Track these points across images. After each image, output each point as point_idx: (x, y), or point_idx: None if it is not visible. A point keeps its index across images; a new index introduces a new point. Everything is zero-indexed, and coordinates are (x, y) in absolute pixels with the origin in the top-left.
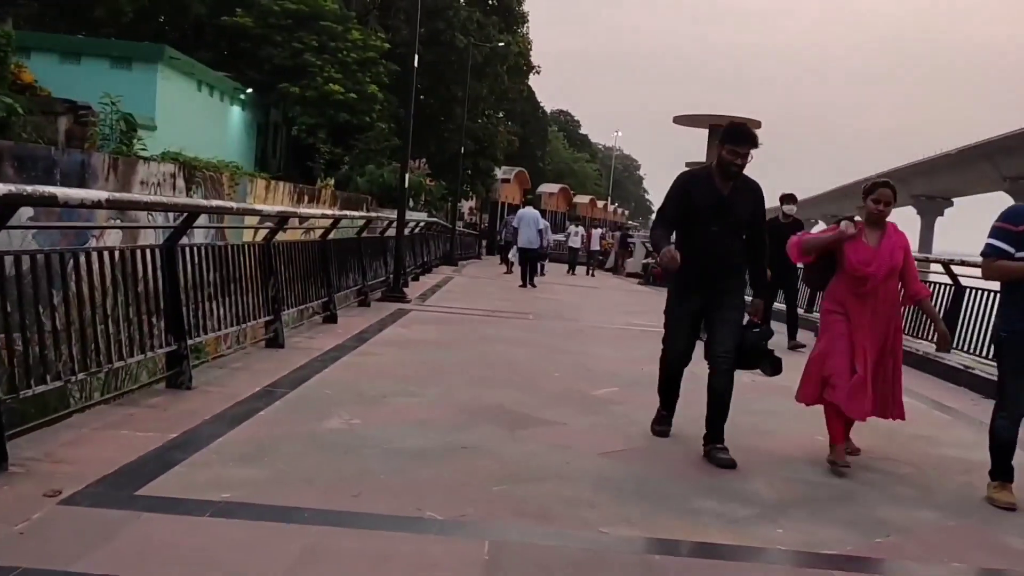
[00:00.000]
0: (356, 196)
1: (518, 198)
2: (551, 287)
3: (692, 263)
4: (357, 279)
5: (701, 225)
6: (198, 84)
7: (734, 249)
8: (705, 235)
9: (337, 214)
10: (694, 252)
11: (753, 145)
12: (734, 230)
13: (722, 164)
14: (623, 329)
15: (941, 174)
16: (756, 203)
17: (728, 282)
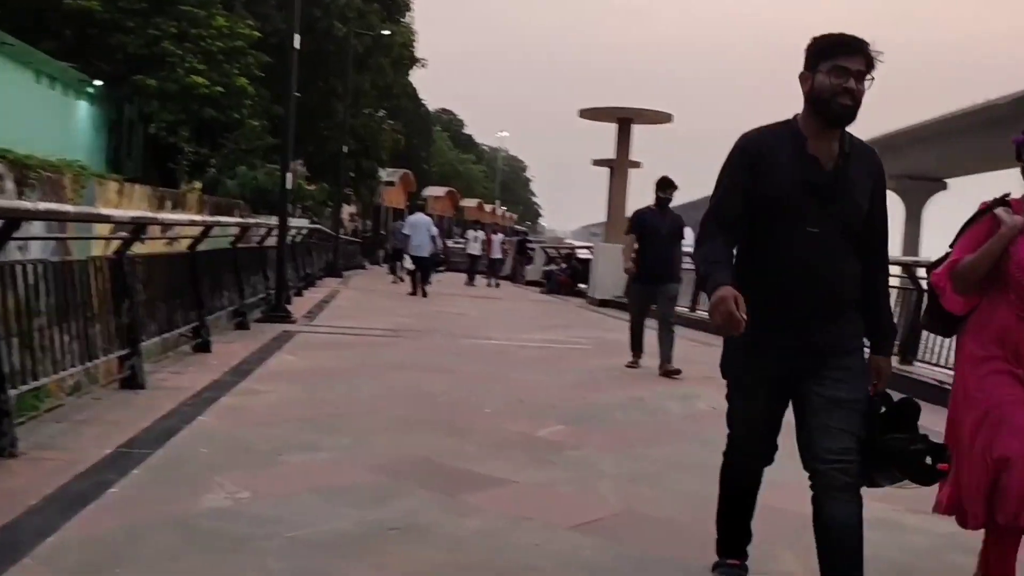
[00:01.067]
0: (227, 201)
1: (403, 202)
2: (452, 299)
3: (771, 297)
4: (233, 298)
5: (786, 225)
6: (36, 74)
7: (846, 268)
8: (795, 243)
9: (208, 220)
10: (775, 276)
11: (870, 63)
12: (845, 231)
13: (823, 101)
14: (544, 347)
15: None
16: (877, 181)
17: (838, 329)
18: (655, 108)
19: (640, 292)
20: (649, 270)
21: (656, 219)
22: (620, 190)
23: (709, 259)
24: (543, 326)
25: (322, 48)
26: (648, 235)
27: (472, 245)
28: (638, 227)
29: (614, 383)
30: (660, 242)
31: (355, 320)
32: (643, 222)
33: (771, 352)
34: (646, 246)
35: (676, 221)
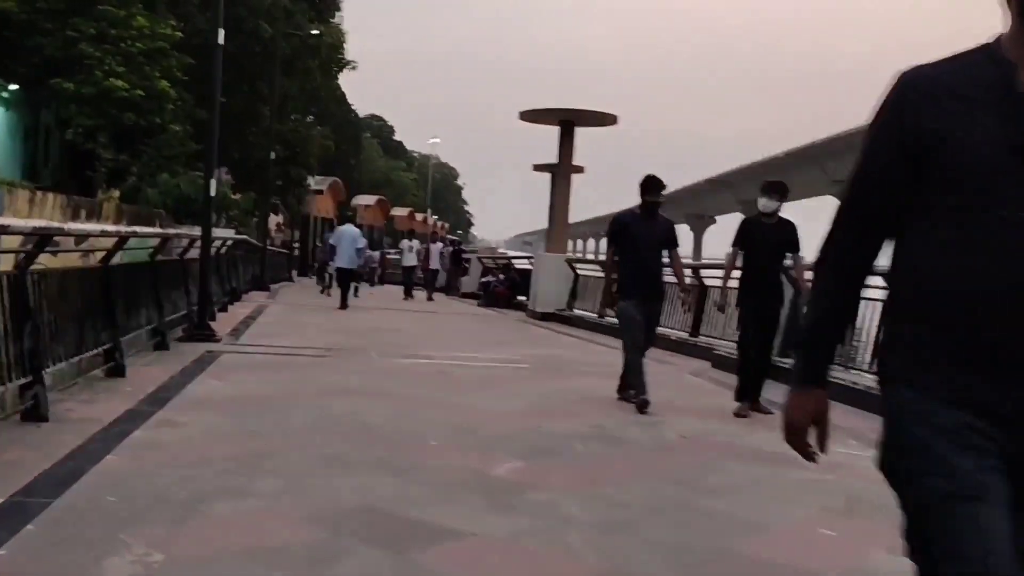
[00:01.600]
0: (147, 211)
1: (332, 212)
2: (386, 314)
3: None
4: (152, 315)
5: (985, 212)
6: None
7: None
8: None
9: (124, 231)
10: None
11: None
12: None
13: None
14: (488, 367)
15: (771, 177)
16: None
17: None
18: (598, 109)
19: (633, 310)
20: (636, 284)
21: (641, 225)
22: (563, 196)
23: (817, 314)
24: (484, 342)
25: (248, 50)
26: (631, 244)
27: (407, 256)
28: (618, 235)
29: (569, 409)
30: (646, 253)
31: (284, 338)
32: (624, 229)
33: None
34: (629, 257)
35: (665, 228)
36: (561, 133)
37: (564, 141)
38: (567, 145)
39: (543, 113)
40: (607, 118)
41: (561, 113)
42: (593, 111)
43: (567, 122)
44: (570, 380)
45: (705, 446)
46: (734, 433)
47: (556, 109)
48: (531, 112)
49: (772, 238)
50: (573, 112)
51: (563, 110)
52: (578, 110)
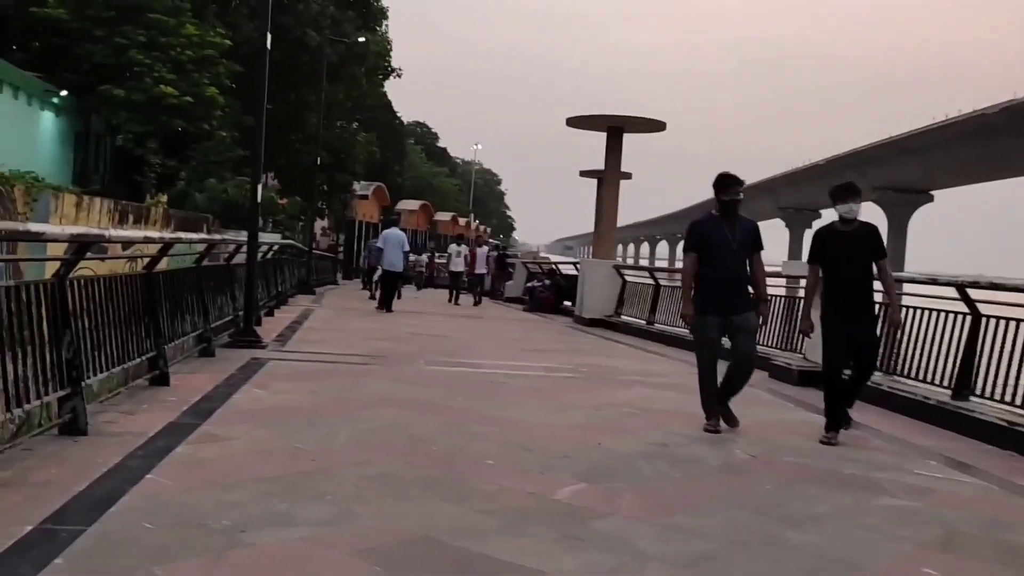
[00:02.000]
0: (194, 215)
1: (376, 216)
2: (432, 319)
3: None
4: (197, 322)
5: None
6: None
7: None
8: None
9: (168, 237)
10: None
11: None
12: None
13: None
14: (539, 376)
15: (809, 185)
16: None
17: None
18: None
19: (710, 326)
20: (715, 297)
21: (720, 229)
22: (610, 203)
23: None
24: (532, 350)
25: (294, 58)
26: (709, 251)
27: (454, 261)
28: (697, 242)
29: (627, 423)
30: (727, 260)
31: (330, 344)
32: (703, 235)
33: None
34: (710, 264)
35: (748, 230)
36: (608, 139)
37: (611, 147)
38: (614, 151)
39: (591, 119)
40: (655, 124)
41: (609, 119)
42: (641, 117)
43: (615, 128)
44: (624, 391)
45: (777, 467)
46: (805, 452)
47: (604, 115)
48: (578, 118)
49: (855, 247)
50: (621, 118)
51: (611, 116)
52: (626, 116)
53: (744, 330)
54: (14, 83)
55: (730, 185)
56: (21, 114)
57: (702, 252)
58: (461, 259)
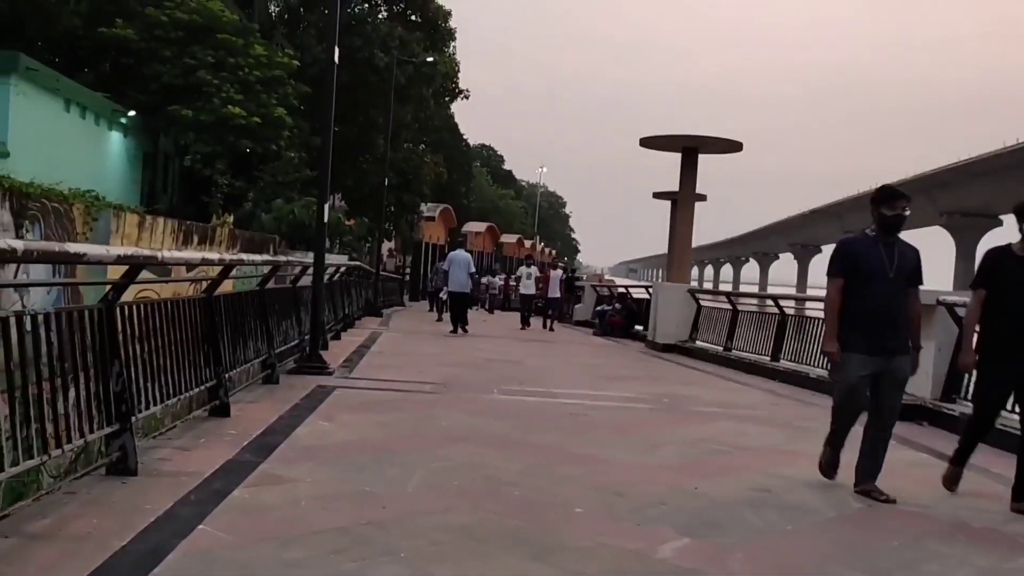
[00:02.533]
0: (261, 236)
1: (443, 238)
2: (502, 343)
3: None
4: (260, 347)
5: None
6: (66, 103)
7: None
8: None
9: (230, 259)
10: None
11: None
12: None
13: None
14: (619, 408)
15: None
16: None
17: None
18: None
19: (859, 367)
20: (871, 334)
21: (876, 253)
22: (685, 225)
23: None
24: (609, 377)
25: (362, 79)
26: (861, 278)
27: (525, 283)
28: (848, 264)
29: (722, 463)
30: (884, 288)
31: (399, 370)
32: (855, 258)
33: None
34: (860, 294)
35: (910, 257)
36: (683, 160)
37: (686, 168)
38: (689, 172)
39: (665, 140)
40: (731, 145)
41: (684, 140)
42: (717, 137)
43: (690, 149)
44: (711, 425)
45: (897, 517)
46: (924, 500)
47: (679, 135)
48: (652, 139)
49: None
50: (697, 138)
51: (686, 136)
52: (702, 136)
53: (898, 379)
54: (82, 103)
55: (895, 198)
56: (89, 134)
57: (852, 278)
58: (532, 281)
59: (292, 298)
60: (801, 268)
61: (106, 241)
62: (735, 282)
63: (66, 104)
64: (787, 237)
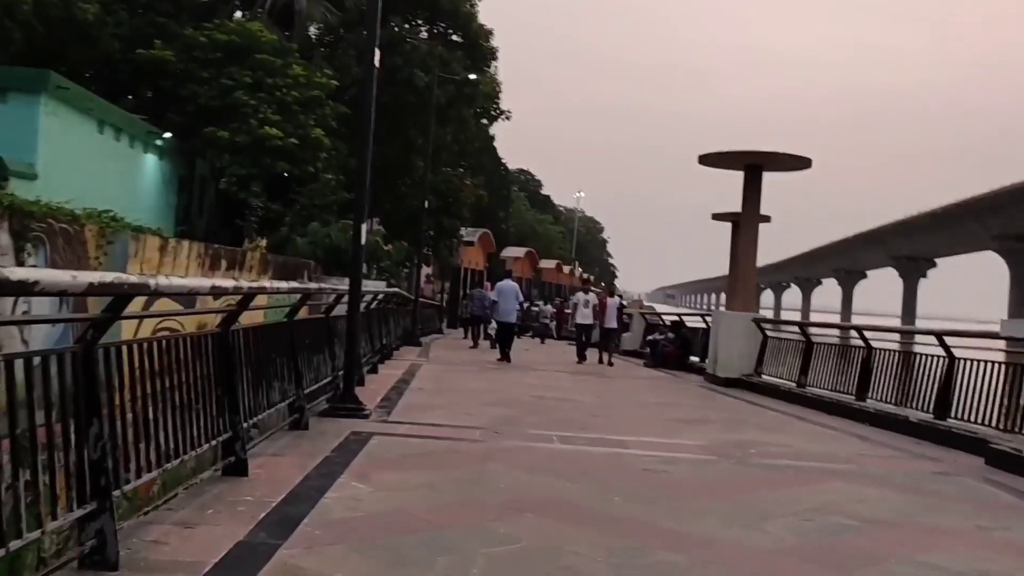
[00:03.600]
0: (295, 261)
1: (482, 263)
2: (552, 377)
3: None
4: (287, 389)
5: None
6: (99, 124)
7: None
8: None
9: (249, 286)
10: None
11: None
12: None
13: None
14: (704, 461)
15: (923, 233)
16: None
17: None
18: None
19: None
20: None
21: None
22: (748, 247)
23: None
24: (677, 420)
25: (402, 99)
26: None
27: (582, 311)
28: None
29: (857, 546)
30: None
31: (443, 411)
32: None
33: None
34: None
35: None
36: (746, 178)
37: (749, 187)
38: (753, 191)
39: (726, 157)
40: (799, 161)
41: (747, 156)
42: (784, 154)
43: (754, 167)
44: (819, 486)
45: None
46: None
47: (742, 151)
48: (713, 155)
49: None
50: (761, 155)
51: (750, 152)
52: (767, 152)
53: None
54: (116, 124)
55: None
56: (123, 157)
57: None
58: (589, 310)
59: (325, 330)
60: (845, 294)
61: (123, 267)
62: (776, 309)
63: (99, 125)
64: (829, 262)
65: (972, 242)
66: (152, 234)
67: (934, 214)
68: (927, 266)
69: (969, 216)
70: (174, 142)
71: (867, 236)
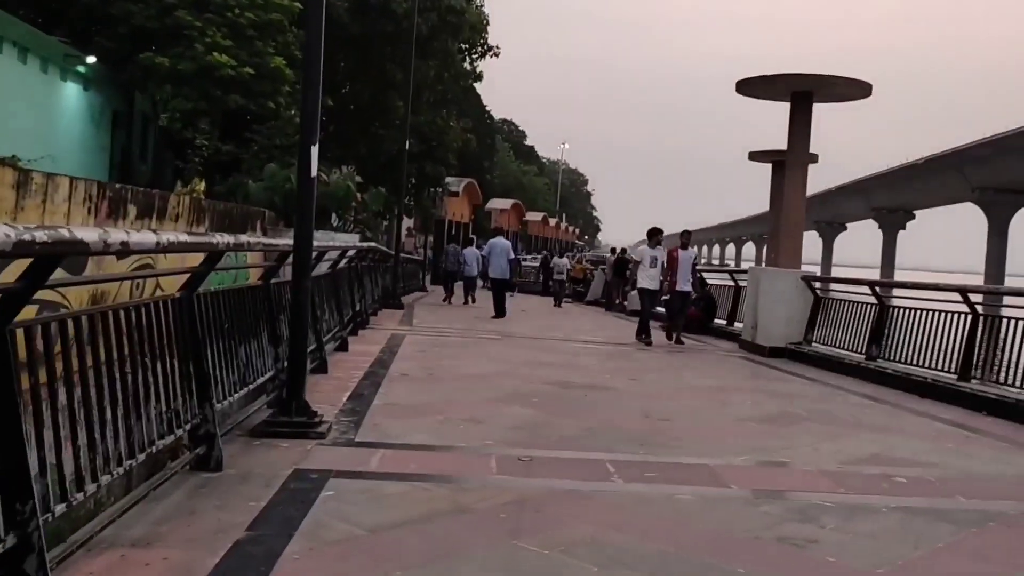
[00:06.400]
0: (244, 210)
1: (467, 215)
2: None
3: None
4: (181, 407)
5: None
6: None
7: None
8: None
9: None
10: None
11: None
12: None
13: None
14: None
15: (905, 185)
16: None
17: None
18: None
19: None
20: None
21: None
22: (795, 192)
23: None
24: (755, 419)
25: (377, 29)
26: None
27: (646, 272)
28: None
29: None
30: None
31: (436, 416)
32: None
33: None
34: None
35: None
36: (793, 109)
37: (797, 120)
38: (801, 125)
39: (768, 83)
40: (856, 88)
41: (794, 81)
42: (841, 77)
43: (802, 94)
44: None
45: None
46: None
47: (788, 74)
48: (752, 81)
49: None
50: (812, 78)
51: (798, 76)
52: (820, 76)
53: None
54: (21, 43)
55: None
56: (32, 84)
57: None
58: (657, 269)
59: (263, 304)
60: (826, 247)
61: None
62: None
63: None
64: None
65: (952, 194)
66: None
67: (916, 166)
68: (907, 218)
69: (951, 168)
70: (102, 69)
71: (848, 188)
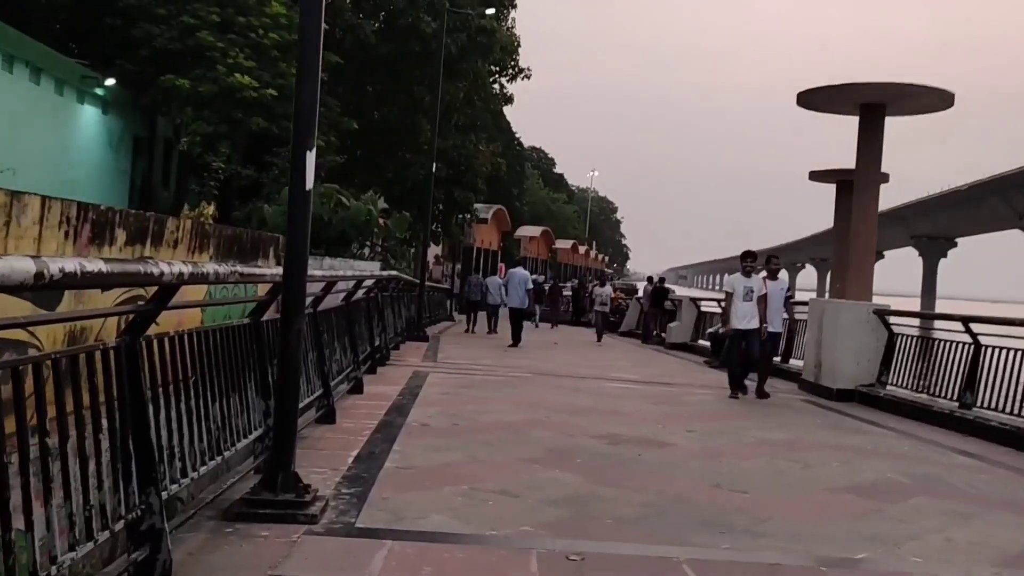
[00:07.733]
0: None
1: (496, 243)
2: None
3: None
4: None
5: None
6: (7, 60)
7: None
8: None
9: None
10: None
11: None
12: None
13: None
14: None
15: (945, 212)
16: None
17: None
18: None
19: None
20: None
21: None
22: (866, 215)
23: None
24: (851, 490)
25: (406, 49)
26: None
27: (740, 308)
28: None
29: None
30: None
31: (459, 487)
32: None
33: None
34: None
35: None
36: (862, 124)
37: (867, 135)
38: (872, 140)
39: (834, 94)
40: (938, 99)
41: (866, 91)
42: (919, 86)
43: (873, 107)
44: None
45: None
46: None
47: (858, 84)
48: (816, 91)
49: None
50: (885, 87)
51: (869, 85)
52: (895, 84)
53: None
54: (35, 63)
55: None
56: (47, 106)
57: None
58: (753, 303)
59: (251, 348)
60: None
61: None
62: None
63: (7, 61)
64: None
65: (996, 220)
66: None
67: (958, 192)
68: (948, 246)
69: (995, 194)
70: (121, 92)
71: (887, 215)
